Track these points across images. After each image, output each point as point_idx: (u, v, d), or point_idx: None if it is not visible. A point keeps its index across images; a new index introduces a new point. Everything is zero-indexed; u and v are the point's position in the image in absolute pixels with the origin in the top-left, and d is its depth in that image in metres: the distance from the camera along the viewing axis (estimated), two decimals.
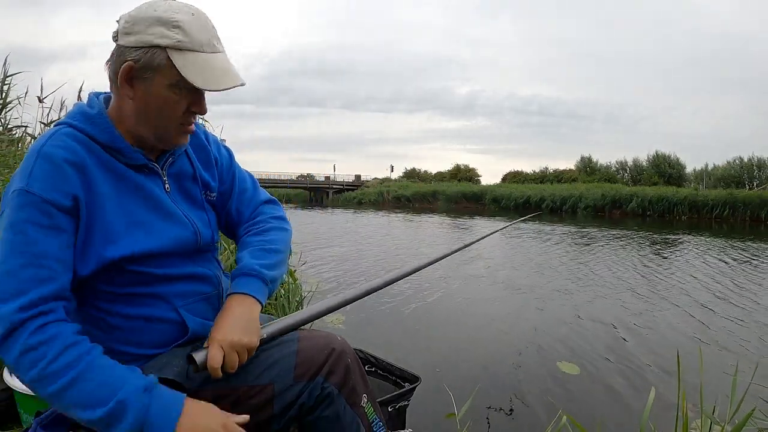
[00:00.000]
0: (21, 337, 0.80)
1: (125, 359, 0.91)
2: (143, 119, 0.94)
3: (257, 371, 0.98)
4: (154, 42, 0.88)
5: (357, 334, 4.25)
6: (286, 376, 0.97)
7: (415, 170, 60.76)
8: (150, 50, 0.88)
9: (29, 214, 0.83)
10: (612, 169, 43.89)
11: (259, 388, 0.97)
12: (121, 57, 0.90)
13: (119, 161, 0.95)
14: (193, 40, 0.90)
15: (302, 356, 0.99)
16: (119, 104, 0.95)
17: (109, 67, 0.94)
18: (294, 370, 0.97)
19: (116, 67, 0.91)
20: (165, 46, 0.88)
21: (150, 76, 0.90)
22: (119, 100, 0.95)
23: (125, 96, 0.93)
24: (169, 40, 0.88)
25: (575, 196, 31.49)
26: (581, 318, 5.06)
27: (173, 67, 0.89)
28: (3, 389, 1.80)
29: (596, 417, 2.82)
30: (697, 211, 26.84)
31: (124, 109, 0.95)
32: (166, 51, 0.89)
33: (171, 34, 0.88)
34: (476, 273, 7.72)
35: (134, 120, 0.95)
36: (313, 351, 1.00)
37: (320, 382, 0.97)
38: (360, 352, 2.06)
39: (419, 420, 2.36)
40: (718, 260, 9.74)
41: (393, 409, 1.76)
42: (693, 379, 3.15)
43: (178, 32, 0.89)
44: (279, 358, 0.99)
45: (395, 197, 41.68)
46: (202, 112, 0.97)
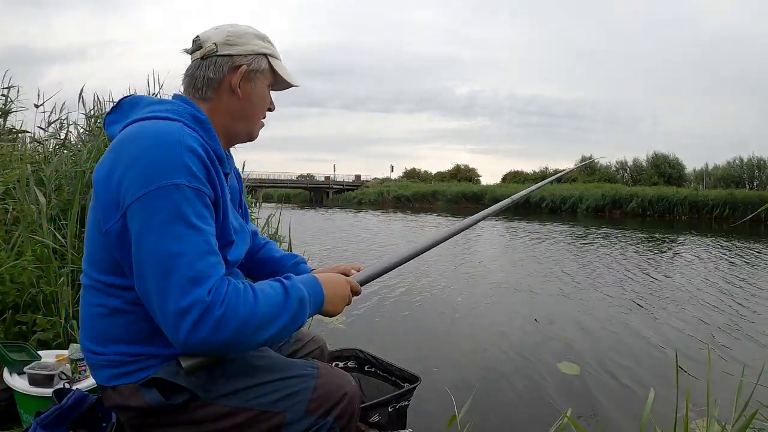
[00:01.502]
0: (214, 311, 0.85)
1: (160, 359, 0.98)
2: (244, 116, 1.11)
3: (273, 397, 1.01)
4: (259, 51, 1.09)
5: (357, 334, 4.26)
6: (299, 407, 1.01)
7: (415, 170, 60.79)
8: (257, 57, 1.09)
9: (194, 206, 0.89)
10: (612, 169, 43.91)
11: (270, 414, 1.00)
12: (230, 63, 1.06)
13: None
14: (276, 51, 1.14)
15: (318, 392, 1.03)
16: (217, 106, 1.07)
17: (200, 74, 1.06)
18: (308, 403, 1.01)
19: (224, 71, 1.06)
20: (266, 54, 1.10)
21: (256, 78, 1.09)
22: (220, 101, 1.07)
23: (231, 96, 1.07)
24: (267, 50, 1.10)
25: (575, 196, 31.51)
26: (581, 318, 5.06)
27: (272, 71, 1.12)
28: (3, 389, 1.80)
29: (597, 417, 2.82)
30: (697, 211, 26.86)
31: (224, 108, 1.08)
32: (267, 58, 1.10)
33: (268, 45, 1.11)
34: (476, 273, 7.72)
35: (234, 117, 1.09)
36: (329, 388, 1.04)
37: (330, 422, 1.02)
38: (360, 352, 2.06)
39: (419, 420, 2.36)
40: (718, 260, 9.74)
41: (393, 409, 1.76)
42: (693, 379, 3.16)
43: (269, 44, 1.12)
44: (297, 390, 1.03)
45: (395, 197, 41.69)
46: (273, 108, 1.17)
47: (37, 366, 1.76)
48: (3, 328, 2.22)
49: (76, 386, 1.64)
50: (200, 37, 1.07)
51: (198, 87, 1.06)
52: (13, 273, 2.33)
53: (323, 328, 4.21)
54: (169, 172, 0.88)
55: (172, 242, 0.86)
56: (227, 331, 0.86)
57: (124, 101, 1.08)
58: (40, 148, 3.94)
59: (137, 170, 0.89)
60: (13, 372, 1.78)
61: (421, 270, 7.65)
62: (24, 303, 2.31)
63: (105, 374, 1.02)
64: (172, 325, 0.85)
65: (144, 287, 0.89)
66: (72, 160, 3.33)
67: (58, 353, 1.95)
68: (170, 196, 0.87)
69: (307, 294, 0.98)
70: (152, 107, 1.02)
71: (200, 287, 0.85)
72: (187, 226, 0.87)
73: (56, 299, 2.38)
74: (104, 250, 0.97)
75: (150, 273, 0.87)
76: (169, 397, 0.98)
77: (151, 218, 0.87)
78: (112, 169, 0.92)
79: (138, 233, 0.88)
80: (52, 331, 2.30)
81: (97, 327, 1.02)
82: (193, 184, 0.90)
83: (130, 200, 0.88)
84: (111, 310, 0.99)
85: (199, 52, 1.06)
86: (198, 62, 1.07)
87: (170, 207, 0.87)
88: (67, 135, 3.90)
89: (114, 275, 0.97)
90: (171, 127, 0.94)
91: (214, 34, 1.07)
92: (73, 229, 2.62)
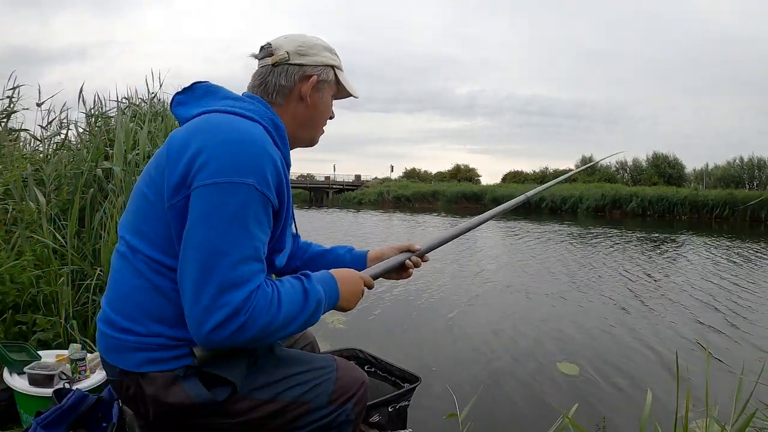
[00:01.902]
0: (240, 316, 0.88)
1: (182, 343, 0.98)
2: (310, 123, 1.15)
3: (301, 390, 1.08)
4: (328, 62, 1.14)
5: (357, 334, 4.26)
6: (322, 398, 1.08)
7: (415, 170, 60.78)
8: (325, 68, 1.13)
9: (256, 210, 0.91)
10: (612, 169, 43.91)
11: (297, 405, 1.06)
12: (301, 72, 1.11)
13: None
14: (341, 63, 1.18)
15: (339, 383, 1.11)
16: (285, 112, 1.11)
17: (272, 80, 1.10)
18: (331, 394, 1.09)
19: (296, 79, 1.10)
20: (333, 65, 1.15)
21: (324, 88, 1.14)
22: (288, 107, 1.11)
23: (299, 104, 1.12)
24: (334, 62, 1.15)
25: (575, 196, 31.48)
26: (580, 318, 5.06)
27: (338, 82, 1.17)
28: (3, 389, 1.80)
29: (596, 417, 2.82)
30: (697, 211, 26.84)
31: (292, 115, 1.12)
32: (334, 69, 1.15)
33: (335, 57, 1.16)
34: (475, 273, 7.72)
35: (300, 124, 1.14)
36: (350, 380, 1.13)
37: (349, 409, 1.11)
38: (360, 352, 2.07)
39: (419, 420, 2.36)
40: (718, 260, 9.74)
41: (393, 409, 1.76)
42: (693, 379, 3.16)
43: (336, 57, 1.17)
44: (320, 381, 1.10)
45: (395, 197, 41.66)
46: (334, 116, 1.21)
47: (37, 366, 1.76)
48: (3, 328, 2.22)
49: (76, 386, 1.65)
50: (272, 45, 1.11)
51: (269, 92, 1.10)
52: (13, 273, 2.33)
53: (323, 328, 4.22)
54: (245, 171, 0.90)
55: (224, 239, 0.88)
56: (247, 335, 0.89)
57: (198, 86, 1.10)
58: (40, 147, 3.94)
59: (215, 158, 0.90)
60: (13, 372, 1.78)
61: (421, 270, 7.64)
62: (24, 303, 2.31)
63: (136, 358, 0.97)
64: (198, 318, 0.88)
65: (183, 272, 0.90)
66: (72, 160, 3.33)
67: (58, 353, 1.95)
68: (238, 193, 0.89)
69: (324, 294, 1.03)
70: (233, 102, 1.05)
71: (235, 291, 0.87)
72: (243, 227, 0.89)
73: (56, 299, 2.38)
74: (163, 226, 0.95)
75: (193, 261, 0.88)
76: (212, 391, 0.98)
77: (212, 209, 0.89)
78: (187, 145, 0.94)
79: (195, 218, 0.89)
80: (52, 331, 2.30)
81: (135, 302, 0.98)
82: (263, 189, 0.92)
83: (198, 183, 0.90)
84: (156, 288, 0.97)
85: (270, 59, 1.10)
86: (269, 68, 1.10)
87: (234, 204, 0.89)
88: (67, 135, 3.90)
89: (167, 255, 0.96)
90: (257, 130, 0.97)
91: (285, 43, 1.11)
92: (73, 229, 2.62)
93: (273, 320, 0.91)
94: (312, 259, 1.38)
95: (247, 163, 0.91)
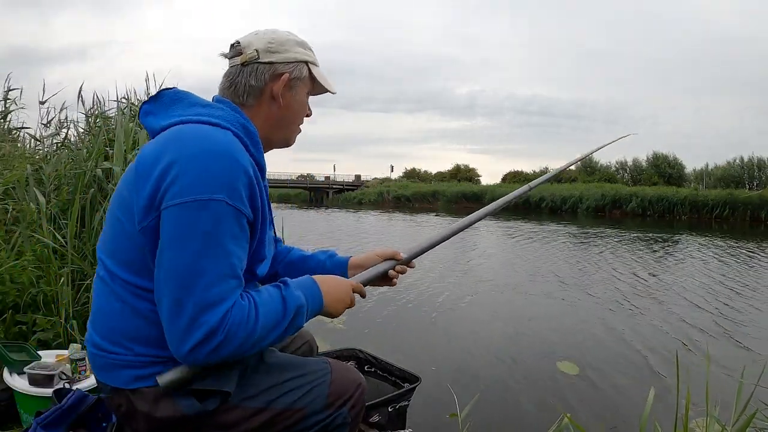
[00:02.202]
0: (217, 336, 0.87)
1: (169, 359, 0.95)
2: (283, 124, 1.10)
3: (295, 395, 1.05)
4: (300, 58, 1.07)
5: (357, 334, 4.26)
6: (318, 402, 1.06)
7: (415, 170, 60.76)
8: (298, 65, 1.07)
9: (229, 226, 0.89)
10: (612, 169, 43.90)
11: (293, 411, 1.04)
12: (272, 71, 1.05)
13: None
14: (315, 58, 1.12)
15: (334, 387, 1.08)
16: (257, 113, 1.06)
17: (241, 80, 1.04)
18: (327, 398, 1.07)
19: (266, 79, 1.04)
20: (307, 61, 1.09)
21: (297, 86, 1.08)
22: (260, 109, 1.06)
23: (272, 104, 1.06)
24: (308, 57, 1.09)
25: (575, 196, 31.48)
26: (581, 317, 5.06)
27: (312, 78, 1.10)
28: (3, 389, 1.80)
29: (596, 417, 2.82)
30: (697, 211, 26.84)
31: (264, 116, 1.07)
32: (308, 65, 1.09)
33: (308, 52, 1.10)
34: (475, 273, 7.73)
35: (273, 125, 1.08)
36: (345, 382, 1.10)
37: (345, 412, 1.08)
38: (360, 352, 2.07)
39: (419, 420, 2.36)
40: (718, 260, 9.74)
41: (393, 409, 1.76)
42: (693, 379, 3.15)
43: (309, 51, 1.10)
44: (315, 386, 1.07)
45: (395, 197, 41.67)
46: (310, 113, 1.16)
47: (37, 366, 1.76)
48: (3, 328, 2.22)
49: (76, 386, 1.64)
50: (240, 43, 1.06)
51: (239, 93, 1.05)
52: (13, 273, 2.33)
53: (323, 328, 4.22)
54: (215, 187, 0.87)
55: (197, 260, 0.86)
56: (226, 351, 0.89)
57: (165, 93, 1.05)
58: (40, 147, 3.94)
59: (184, 174, 0.87)
60: (13, 372, 1.78)
61: (421, 270, 7.66)
62: (24, 303, 2.31)
63: (125, 375, 0.97)
64: (177, 339, 0.87)
65: (159, 294, 0.89)
66: (71, 160, 3.33)
67: (58, 353, 1.95)
68: (208, 211, 0.86)
69: (305, 301, 1.00)
70: (201, 110, 1.00)
71: (211, 311, 0.86)
72: (216, 245, 0.87)
73: (56, 299, 2.38)
74: (137, 250, 0.93)
75: (168, 284, 0.87)
76: (202, 402, 0.97)
77: (183, 229, 0.86)
78: (157, 161, 0.90)
79: (166, 240, 0.88)
80: (52, 331, 2.30)
81: (116, 325, 0.97)
82: (235, 203, 0.89)
83: (167, 203, 0.87)
84: (136, 311, 0.95)
85: (239, 58, 1.04)
86: (238, 68, 1.05)
87: (205, 223, 0.86)
88: (67, 134, 3.90)
89: (143, 278, 0.94)
90: (225, 138, 0.93)
91: (254, 40, 1.05)
92: (73, 229, 2.62)
93: (251, 333, 0.90)
94: (291, 264, 1.33)
95: (218, 177, 0.88)
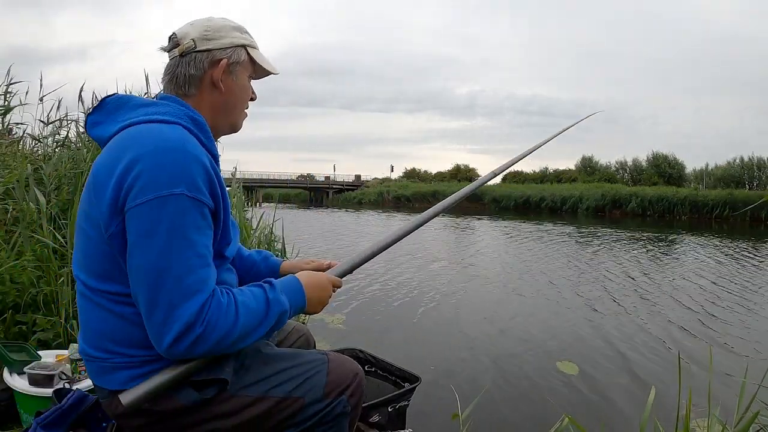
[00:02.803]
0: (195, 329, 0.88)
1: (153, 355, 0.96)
2: (227, 109, 1.10)
3: (292, 384, 1.07)
4: (238, 42, 1.08)
5: (357, 334, 4.25)
6: (317, 391, 1.07)
7: (415, 170, 60.80)
8: (236, 49, 1.08)
9: (192, 218, 0.90)
10: (612, 169, 43.89)
11: (291, 400, 1.06)
12: (210, 58, 1.05)
13: None
14: (253, 41, 1.13)
15: (332, 376, 1.10)
16: (200, 102, 1.06)
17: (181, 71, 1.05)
18: (325, 387, 1.08)
19: (205, 66, 1.05)
20: (245, 44, 1.09)
21: (237, 70, 1.09)
22: (203, 97, 1.07)
23: (213, 91, 1.07)
24: (246, 41, 1.10)
25: (575, 196, 31.51)
26: (581, 317, 5.06)
27: (251, 61, 1.11)
28: (3, 389, 1.80)
29: (596, 417, 2.82)
30: (697, 211, 26.86)
31: (208, 104, 1.07)
32: (246, 49, 1.10)
33: (246, 36, 1.11)
34: (475, 273, 7.72)
35: (218, 111, 1.09)
36: (342, 371, 1.12)
37: (344, 400, 1.09)
38: (360, 352, 2.07)
39: (419, 420, 2.36)
40: (719, 260, 9.74)
41: (393, 409, 1.76)
42: (694, 379, 3.15)
43: (247, 35, 1.11)
44: (313, 374, 1.09)
45: (395, 197, 41.69)
46: (255, 97, 1.17)
47: (37, 366, 1.76)
48: (3, 328, 2.22)
49: (76, 386, 1.64)
50: (177, 34, 1.06)
51: (180, 84, 1.05)
52: (13, 273, 2.33)
53: (323, 328, 4.22)
54: (173, 182, 0.88)
55: (164, 256, 0.87)
56: (206, 345, 0.90)
57: (108, 100, 1.05)
58: (39, 147, 3.94)
59: (141, 174, 0.88)
60: (13, 372, 1.78)
61: (421, 270, 7.65)
62: (24, 303, 2.31)
63: (121, 376, 0.97)
64: (156, 335, 0.89)
65: (135, 294, 0.91)
66: (72, 160, 3.33)
67: (58, 353, 1.95)
68: (169, 206, 0.87)
69: (288, 304, 1.02)
70: (146, 109, 1.00)
71: (185, 304, 0.87)
72: (181, 238, 0.88)
73: (56, 299, 2.38)
74: (108, 258, 0.94)
75: (141, 283, 0.89)
76: (200, 392, 0.99)
77: (147, 228, 0.87)
78: (112, 168, 0.91)
79: (133, 241, 0.89)
80: (52, 331, 2.30)
81: (105, 334, 0.98)
82: (194, 194, 0.90)
83: (130, 205, 0.88)
84: (121, 316, 0.96)
85: (177, 50, 1.05)
86: (177, 60, 1.05)
87: (168, 218, 0.87)
88: (67, 134, 3.90)
89: (121, 284, 0.94)
90: (175, 133, 0.94)
91: (191, 30, 1.06)
92: (73, 228, 2.61)
93: (231, 330, 0.91)
94: None
95: (175, 172, 0.89)
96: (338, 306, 5.05)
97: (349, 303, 5.31)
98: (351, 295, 5.63)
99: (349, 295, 5.59)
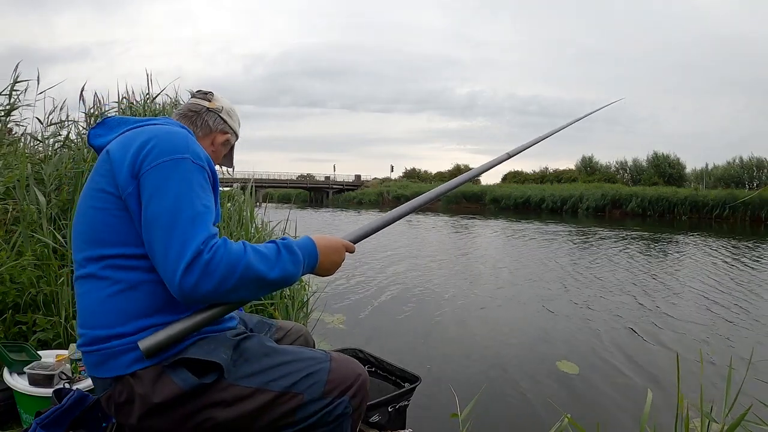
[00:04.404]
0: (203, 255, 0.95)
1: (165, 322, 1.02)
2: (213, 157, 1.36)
3: (292, 379, 1.07)
4: (237, 131, 1.43)
5: (357, 334, 4.25)
6: (317, 388, 1.07)
7: (415, 170, 60.84)
8: (234, 135, 1.42)
9: (197, 179, 1.04)
10: (612, 169, 43.90)
11: (290, 395, 1.06)
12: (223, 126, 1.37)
13: None
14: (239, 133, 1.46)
15: (334, 374, 1.10)
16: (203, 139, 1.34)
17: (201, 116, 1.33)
18: (325, 384, 1.08)
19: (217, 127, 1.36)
20: (238, 135, 1.44)
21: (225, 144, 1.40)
22: (201, 142, 1.30)
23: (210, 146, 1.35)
24: (239, 133, 1.45)
25: (575, 196, 31.51)
26: (581, 317, 5.06)
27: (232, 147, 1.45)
28: (3, 389, 1.80)
29: (596, 416, 2.81)
30: (697, 211, 26.86)
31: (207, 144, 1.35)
32: (236, 134, 1.43)
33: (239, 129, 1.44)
34: (475, 273, 7.73)
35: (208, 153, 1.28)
36: (345, 371, 1.12)
37: (346, 401, 1.09)
38: (360, 352, 2.07)
39: (419, 420, 2.36)
40: (719, 260, 9.74)
41: (393, 409, 1.77)
42: (694, 378, 3.15)
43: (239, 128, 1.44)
44: (313, 371, 1.09)
45: (395, 197, 41.67)
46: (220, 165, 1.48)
47: (37, 366, 1.76)
48: (3, 328, 2.22)
49: (76, 386, 1.64)
50: (214, 95, 1.38)
51: (196, 124, 1.33)
52: (13, 273, 2.33)
53: (323, 328, 4.22)
54: (182, 150, 1.05)
55: (177, 201, 0.98)
56: (216, 275, 0.94)
57: (109, 120, 1.21)
58: (40, 147, 3.94)
59: (156, 146, 1.04)
60: (13, 372, 1.78)
61: (421, 270, 7.66)
62: (24, 303, 2.31)
63: (125, 360, 1.01)
64: (170, 270, 0.94)
65: (150, 241, 0.98)
66: (72, 160, 3.33)
67: (58, 353, 1.95)
68: (180, 165, 1.03)
69: (300, 254, 1.07)
70: (149, 121, 1.17)
71: (196, 236, 0.95)
72: (190, 190, 1.01)
73: (56, 299, 2.38)
74: (122, 221, 1.03)
75: (157, 226, 0.97)
76: (199, 377, 1.00)
77: (161, 182, 1.00)
78: (128, 147, 1.06)
79: (149, 195, 1.00)
80: (52, 331, 2.30)
81: (112, 308, 1.02)
82: (198, 162, 1.06)
83: (146, 168, 1.02)
84: (130, 285, 1.02)
85: (208, 103, 1.34)
86: (204, 108, 1.34)
87: (178, 175, 1.02)
88: (68, 134, 3.89)
89: (133, 245, 1.03)
90: (180, 129, 1.13)
91: (223, 101, 1.39)
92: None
93: (237, 262, 0.96)
94: None
95: (181, 145, 1.06)
96: (338, 306, 5.06)
97: (349, 303, 5.31)
98: (351, 295, 5.64)
99: (349, 295, 5.60)
